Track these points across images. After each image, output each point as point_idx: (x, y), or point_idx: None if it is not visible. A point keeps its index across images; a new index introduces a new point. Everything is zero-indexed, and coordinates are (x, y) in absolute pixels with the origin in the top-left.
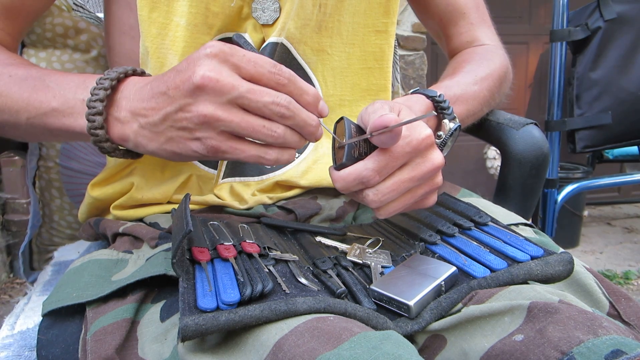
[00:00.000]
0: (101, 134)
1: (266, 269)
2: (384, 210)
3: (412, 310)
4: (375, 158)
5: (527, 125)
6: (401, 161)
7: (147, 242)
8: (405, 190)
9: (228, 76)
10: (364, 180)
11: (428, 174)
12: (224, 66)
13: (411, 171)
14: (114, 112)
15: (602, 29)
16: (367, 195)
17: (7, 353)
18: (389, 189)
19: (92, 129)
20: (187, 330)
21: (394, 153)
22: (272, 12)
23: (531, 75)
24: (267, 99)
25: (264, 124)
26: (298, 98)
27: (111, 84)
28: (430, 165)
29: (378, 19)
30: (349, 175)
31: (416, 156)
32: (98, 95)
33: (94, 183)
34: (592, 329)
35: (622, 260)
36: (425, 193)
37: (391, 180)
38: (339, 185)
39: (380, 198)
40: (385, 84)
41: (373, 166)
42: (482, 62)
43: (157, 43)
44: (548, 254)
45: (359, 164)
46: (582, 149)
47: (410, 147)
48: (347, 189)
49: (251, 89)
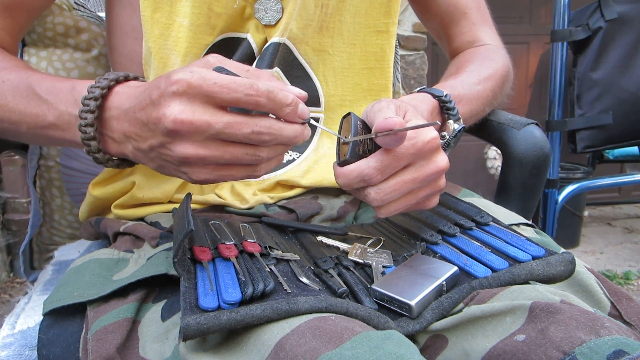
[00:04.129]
0: (93, 145)
1: (267, 269)
2: (384, 210)
3: (413, 310)
4: (378, 157)
5: (528, 126)
6: (405, 162)
7: (148, 241)
8: (408, 191)
9: (202, 114)
10: (365, 178)
11: (431, 177)
12: (195, 102)
13: (414, 172)
14: (107, 132)
15: (603, 29)
16: (368, 193)
17: (8, 352)
18: (391, 189)
19: (85, 140)
20: (188, 330)
21: (397, 153)
22: (275, 13)
23: (532, 75)
24: (246, 130)
25: (247, 151)
26: (278, 113)
27: (101, 92)
28: (435, 167)
29: (379, 19)
30: (351, 172)
31: (420, 158)
32: (89, 106)
33: (95, 182)
34: (594, 329)
35: (623, 261)
36: (427, 195)
37: (394, 180)
38: (340, 181)
39: (381, 197)
40: (386, 84)
41: (376, 165)
42: (485, 62)
43: (159, 43)
44: (549, 254)
45: (361, 162)
46: (583, 149)
47: (415, 149)
48: (349, 185)
49: (228, 123)
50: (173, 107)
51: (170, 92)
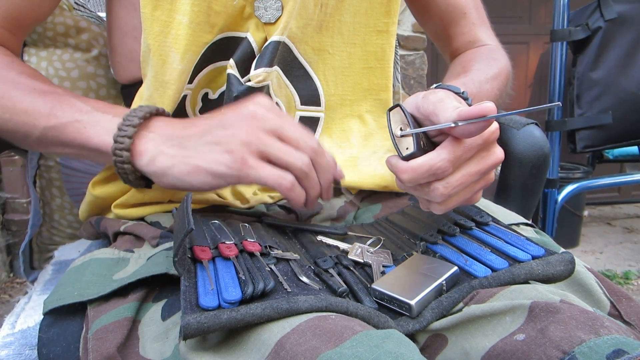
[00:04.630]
0: (125, 156)
1: (268, 268)
2: (445, 205)
3: (413, 310)
4: (449, 148)
5: (528, 125)
6: (472, 153)
7: (148, 241)
8: (469, 184)
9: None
10: (437, 172)
11: (491, 168)
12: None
13: (477, 164)
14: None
15: (602, 29)
16: (436, 188)
17: (8, 352)
18: (458, 182)
19: (118, 150)
20: (189, 329)
21: (467, 144)
22: (275, 11)
23: (531, 75)
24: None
25: (293, 151)
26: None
27: (145, 115)
28: (494, 159)
29: (379, 19)
30: (422, 166)
31: (483, 149)
32: (131, 121)
33: (95, 181)
34: (594, 329)
35: (622, 260)
36: (480, 188)
37: (460, 173)
38: (407, 176)
39: (449, 191)
40: (386, 83)
41: (449, 157)
42: (490, 61)
43: (159, 41)
44: (549, 253)
45: (432, 154)
46: (583, 149)
47: (482, 140)
48: (416, 180)
49: (292, 127)
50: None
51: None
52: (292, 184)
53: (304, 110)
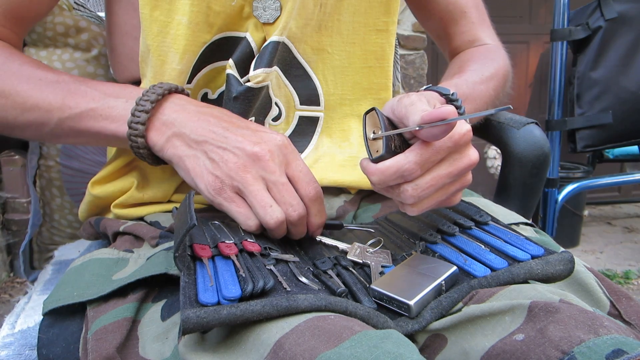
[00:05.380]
0: (140, 142)
1: (267, 268)
2: (417, 207)
3: (412, 310)
4: (417, 151)
5: (528, 125)
6: (442, 155)
7: (147, 241)
8: (441, 186)
9: (276, 165)
10: (405, 174)
11: (464, 170)
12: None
13: (449, 167)
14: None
15: (602, 29)
16: (405, 190)
17: (8, 352)
18: (428, 184)
19: (133, 136)
20: (188, 323)
21: (436, 147)
22: (273, 11)
23: (532, 75)
24: (287, 197)
25: (272, 204)
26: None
27: (157, 98)
28: (467, 161)
29: (379, 18)
30: (389, 169)
31: (455, 151)
32: (144, 106)
33: (95, 181)
34: (593, 329)
35: (622, 260)
36: (456, 190)
37: (430, 176)
38: (375, 178)
39: (418, 193)
40: (386, 82)
41: (416, 159)
42: (487, 61)
43: (158, 41)
44: (549, 253)
45: (399, 157)
46: (583, 149)
47: (452, 142)
48: (385, 182)
49: (284, 183)
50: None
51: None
52: (257, 227)
53: (304, 110)
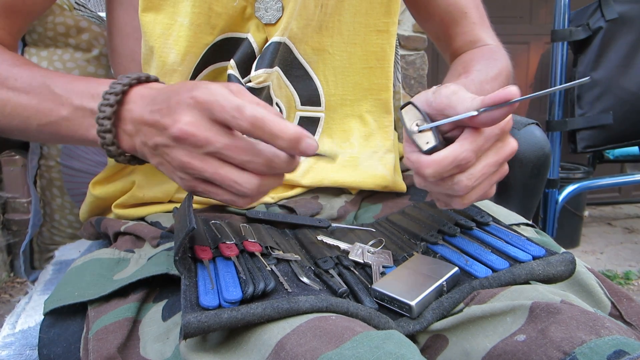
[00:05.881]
0: (108, 138)
1: (268, 268)
2: (467, 198)
3: (413, 310)
4: (471, 139)
5: (529, 126)
6: (491, 143)
7: (148, 241)
8: (488, 176)
9: (205, 130)
10: (462, 162)
11: (507, 158)
12: (204, 118)
13: (495, 155)
14: (121, 125)
15: (603, 29)
16: (460, 181)
17: (9, 352)
18: (480, 173)
19: (101, 132)
20: (189, 327)
21: (487, 134)
22: (275, 12)
23: (532, 75)
24: (245, 157)
25: (237, 179)
26: (273, 144)
27: (123, 89)
28: (510, 149)
29: (379, 19)
30: (445, 159)
31: (499, 140)
32: (109, 100)
33: (96, 181)
34: (595, 330)
35: (623, 261)
36: (496, 180)
37: (481, 164)
38: (431, 170)
39: (472, 183)
40: (386, 83)
41: (472, 147)
42: (490, 62)
43: (160, 43)
44: (550, 254)
45: (454, 146)
46: (583, 149)
47: (499, 129)
48: (441, 174)
49: (227, 145)
50: (184, 116)
51: (185, 103)
52: (248, 202)
53: (304, 110)
